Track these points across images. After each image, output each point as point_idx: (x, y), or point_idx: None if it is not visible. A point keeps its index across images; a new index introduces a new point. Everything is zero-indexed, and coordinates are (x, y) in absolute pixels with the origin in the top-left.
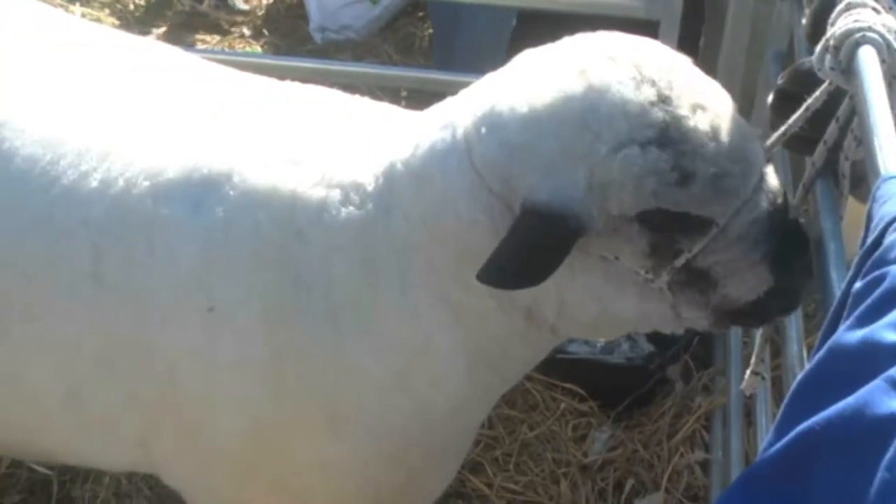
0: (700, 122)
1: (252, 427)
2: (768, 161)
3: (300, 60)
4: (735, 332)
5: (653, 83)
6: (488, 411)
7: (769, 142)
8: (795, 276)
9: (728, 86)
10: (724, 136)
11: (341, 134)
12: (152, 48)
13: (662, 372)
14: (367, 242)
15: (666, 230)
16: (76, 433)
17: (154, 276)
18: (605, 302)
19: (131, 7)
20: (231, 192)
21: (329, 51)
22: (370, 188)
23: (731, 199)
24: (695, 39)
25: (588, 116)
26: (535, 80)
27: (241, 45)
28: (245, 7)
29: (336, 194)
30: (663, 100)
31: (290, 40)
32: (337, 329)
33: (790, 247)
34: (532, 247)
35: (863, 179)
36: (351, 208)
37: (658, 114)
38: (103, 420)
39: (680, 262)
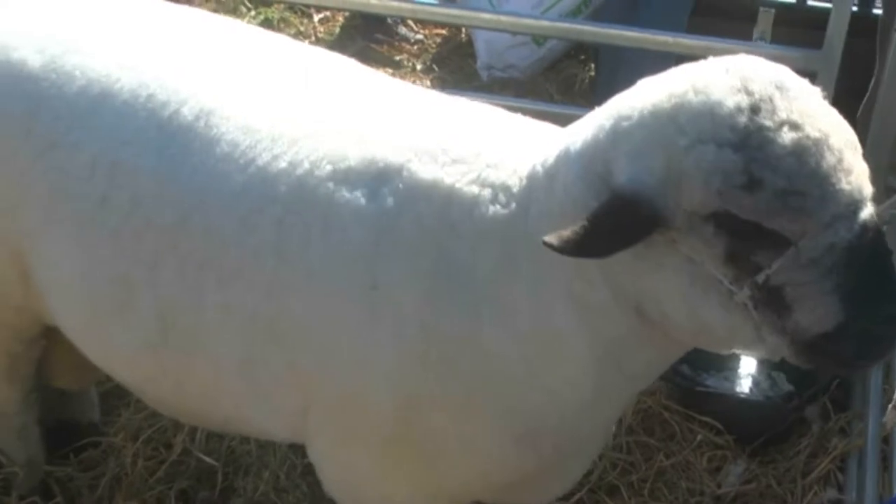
0: (784, 138)
1: (399, 400)
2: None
3: (465, 94)
4: (875, 378)
5: (750, 94)
6: (619, 413)
7: None
8: (877, 321)
9: (880, 139)
10: (811, 157)
11: (500, 141)
12: (326, 54)
13: (800, 412)
14: (508, 239)
15: (740, 238)
16: (247, 400)
17: (325, 253)
18: (692, 306)
19: (313, 39)
20: (400, 185)
21: (493, 87)
22: (515, 190)
23: (802, 217)
24: (861, 94)
25: (679, 112)
26: (662, 85)
27: (412, 79)
28: (419, 36)
29: (487, 193)
30: (754, 110)
31: (457, 76)
32: (476, 317)
33: (874, 289)
34: (600, 221)
35: None
36: (498, 206)
37: (743, 120)
38: (270, 388)
39: (760, 278)
